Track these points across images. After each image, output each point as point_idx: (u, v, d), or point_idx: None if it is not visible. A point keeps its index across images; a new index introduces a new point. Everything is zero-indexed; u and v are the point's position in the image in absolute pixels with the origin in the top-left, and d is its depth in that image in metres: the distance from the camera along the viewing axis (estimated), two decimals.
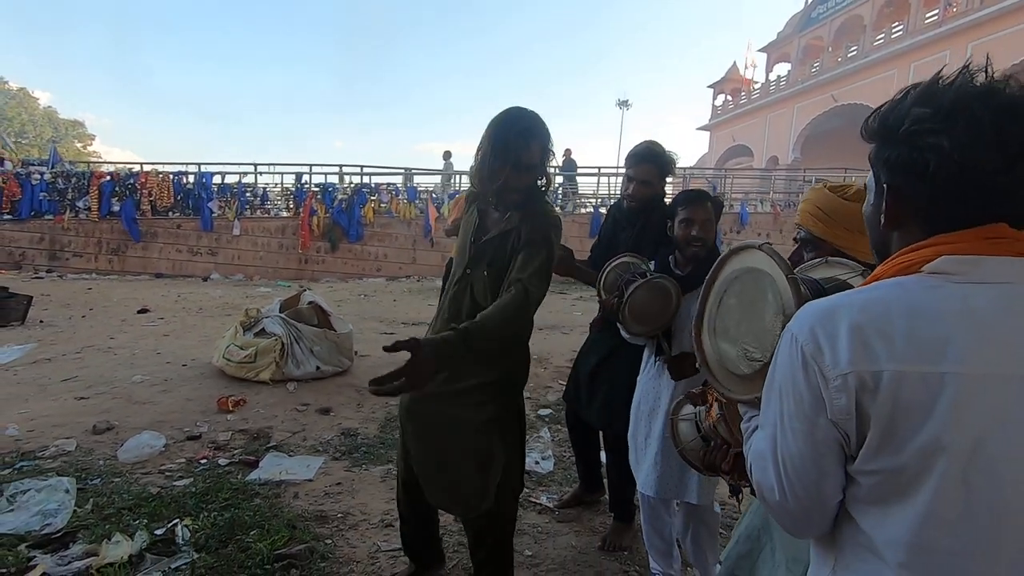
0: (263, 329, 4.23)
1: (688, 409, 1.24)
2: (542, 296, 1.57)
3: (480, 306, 1.60)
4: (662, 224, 2.02)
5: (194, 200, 12.32)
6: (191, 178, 12.68)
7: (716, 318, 1.01)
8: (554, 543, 2.43)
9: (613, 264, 2.06)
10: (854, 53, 22.92)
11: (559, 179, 13.88)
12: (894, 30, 21.33)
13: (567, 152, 14.56)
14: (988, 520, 0.65)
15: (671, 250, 2.02)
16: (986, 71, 0.70)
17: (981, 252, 0.69)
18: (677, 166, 2.36)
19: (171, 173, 12.62)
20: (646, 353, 2.10)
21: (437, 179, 14.61)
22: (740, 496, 1.25)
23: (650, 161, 2.25)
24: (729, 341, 0.99)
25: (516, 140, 1.52)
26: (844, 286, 0.99)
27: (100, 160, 25.64)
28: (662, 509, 2.12)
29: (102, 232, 11.81)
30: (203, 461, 3.00)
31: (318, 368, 4.18)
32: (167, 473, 2.86)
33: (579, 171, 15.04)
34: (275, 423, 3.54)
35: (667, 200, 2.25)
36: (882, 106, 0.77)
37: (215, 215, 12.12)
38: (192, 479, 2.78)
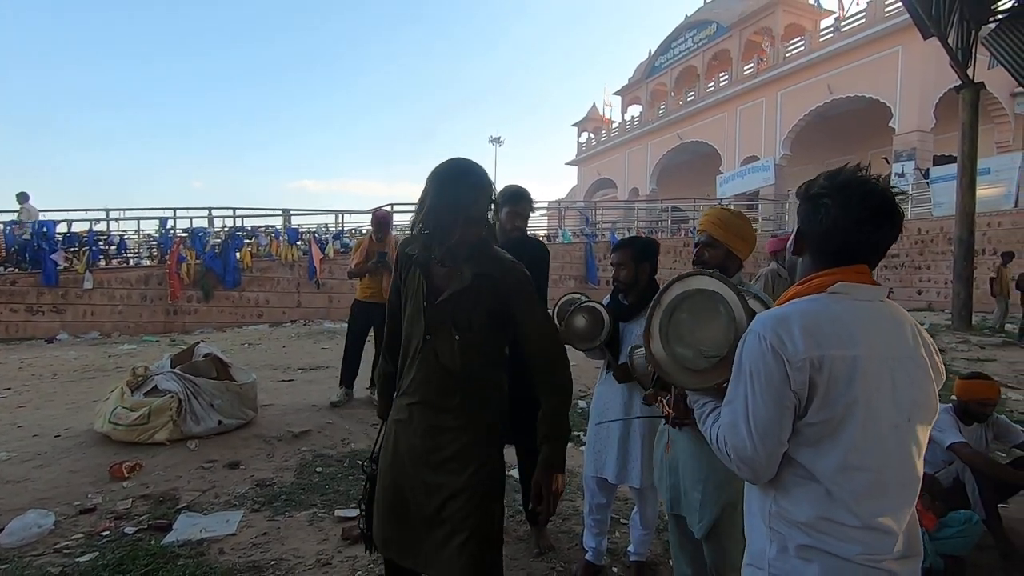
0: (155, 387, 3.99)
1: (640, 350, 1.57)
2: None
3: (449, 371, 1.51)
4: (530, 250, 2.61)
5: (32, 252, 10.86)
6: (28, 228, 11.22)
7: (669, 328, 1.27)
8: None
9: (561, 300, 2.57)
10: (692, 98, 26.29)
11: None
12: (722, 79, 24.86)
13: None
14: (876, 446, 1.05)
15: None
16: (865, 171, 1.12)
17: (858, 281, 1.10)
18: (550, 199, 2.93)
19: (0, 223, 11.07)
20: (602, 365, 2.51)
21: (319, 219, 14.29)
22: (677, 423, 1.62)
23: (526, 200, 2.76)
24: (684, 345, 1.26)
25: (467, 193, 1.46)
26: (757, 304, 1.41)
27: None
28: (609, 493, 2.50)
29: None
30: (105, 533, 2.81)
31: (220, 422, 4.02)
32: (65, 551, 2.64)
33: None
34: (180, 484, 3.38)
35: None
36: (816, 177, 1.18)
37: (60, 268, 10.76)
38: (98, 552, 2.61)
